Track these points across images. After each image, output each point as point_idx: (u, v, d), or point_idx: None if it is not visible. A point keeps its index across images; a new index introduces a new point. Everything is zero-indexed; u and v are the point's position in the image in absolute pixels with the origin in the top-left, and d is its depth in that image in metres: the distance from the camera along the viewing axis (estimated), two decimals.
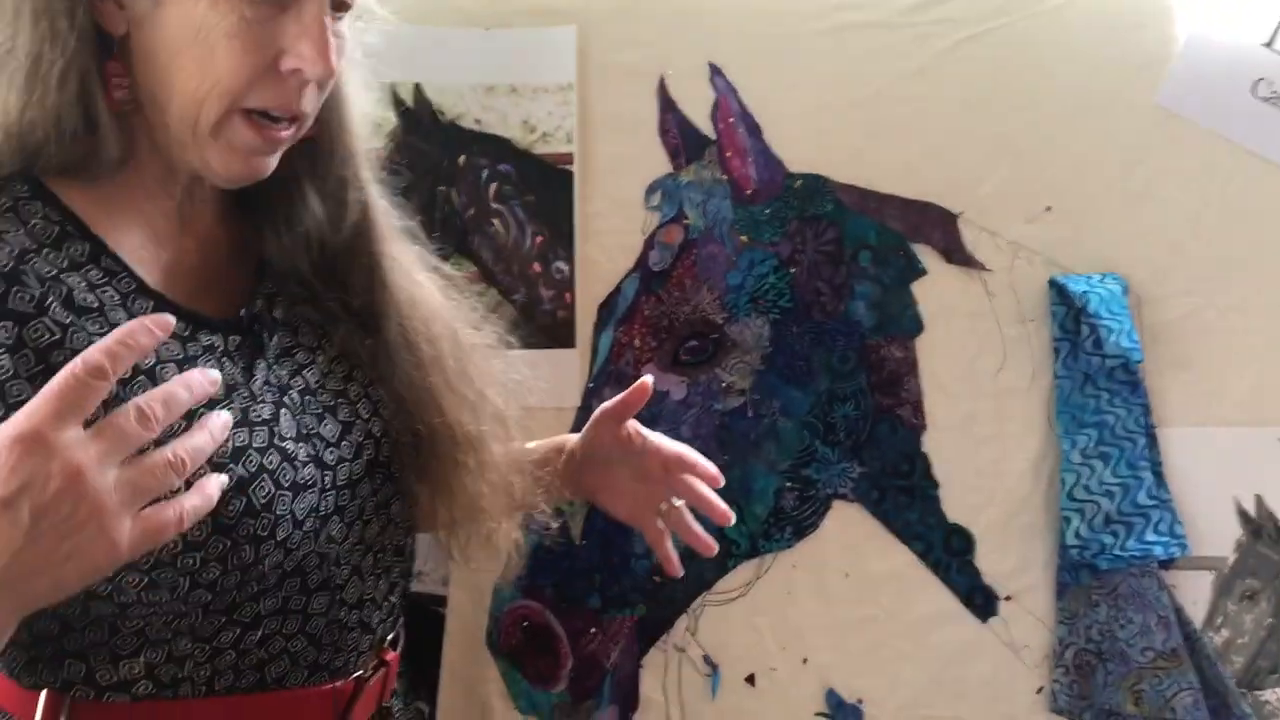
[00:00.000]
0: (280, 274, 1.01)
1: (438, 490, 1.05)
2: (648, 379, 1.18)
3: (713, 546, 1.20)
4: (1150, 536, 1.42)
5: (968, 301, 1.45)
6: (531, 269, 1.45)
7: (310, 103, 0.92)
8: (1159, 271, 1.44)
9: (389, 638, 1.05)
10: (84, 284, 0.86)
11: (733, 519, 1.19)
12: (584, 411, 1.46)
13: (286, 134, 0.92)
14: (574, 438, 1.23)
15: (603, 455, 1.20)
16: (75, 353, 0.80)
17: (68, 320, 0.84)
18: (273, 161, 0.93)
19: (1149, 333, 1.43)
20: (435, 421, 1.03)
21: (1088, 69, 1.43)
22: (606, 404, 1.19)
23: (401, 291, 1.04)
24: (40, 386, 0.74)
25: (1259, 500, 1.45)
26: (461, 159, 1.44)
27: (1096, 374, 1.43)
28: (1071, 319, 1.43)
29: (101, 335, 0.82)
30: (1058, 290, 1.44)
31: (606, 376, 1.46)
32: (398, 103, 1.42)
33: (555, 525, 1.23)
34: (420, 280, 1.08)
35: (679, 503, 1.19)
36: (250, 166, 0.92)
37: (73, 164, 0.87)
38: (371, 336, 1.02)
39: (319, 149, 0.99)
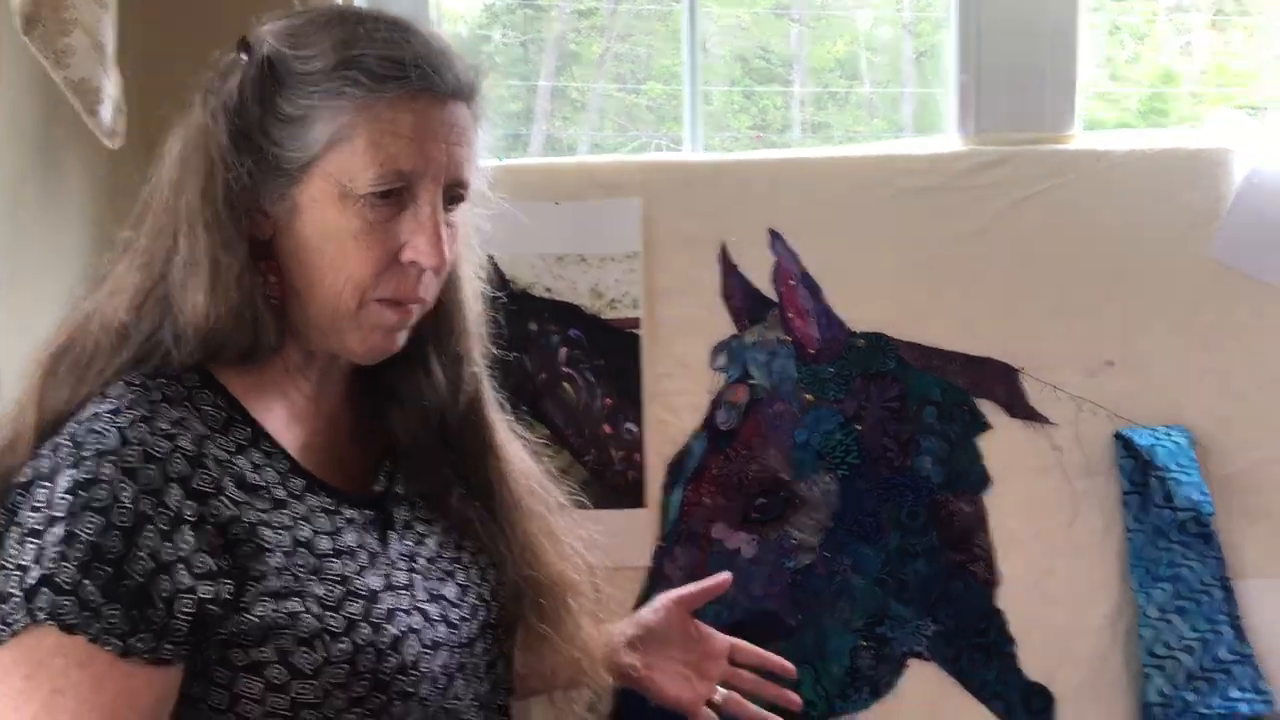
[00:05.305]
0: (401, 449, 1.07)
1: (550, 631, 1.10)
2: (727, 575, 1.28)
3: None
4: (1234, 693, 1.40)
5: (1034, 456, 1.47)
6: (602, 431, 1.49)
7: (429, 289, 1.00)
8: (1224, 423, 1.46)
9: None
10: (250, 465, 0.95)
11: (800, 704, 1.26)
12: (654, 572, 1.47)
13: (414, 311, 1.00)
14: (614, 625, 1.28)
15: (659, 636, 1.27)
16: (252, 527, 0.91)
17: (241, 498, 0.92)
18: (404, 337, 1.01)
19: (1218, 484, 1.44)
20: (545, 569, 1.09)
21: (1142, 225, 1.48)
22: (680, 591, 1.28)
23: (508, 458, 1.11)
24: (221, 560, 0.88)
25: None
26: (533, 326, 1.49)
27: (1168, 527, 1.43)
28: (1139, 472, 1.44)
29: (267, 512, 0.93)
30: (1124, 443, 1.45)
31: (678, 535, 1.48)
32: None
33: None
34: (515, 444, 1.14)
35: (725, 692, 1.26)
36: (387, 342, 1.00)
37: (240, 353, 0.96)
38: (482, 499, 1.09)
39: (441, 326, 1.06)
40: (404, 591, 0.99)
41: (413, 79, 0.94)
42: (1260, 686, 1.41)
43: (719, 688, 1.27)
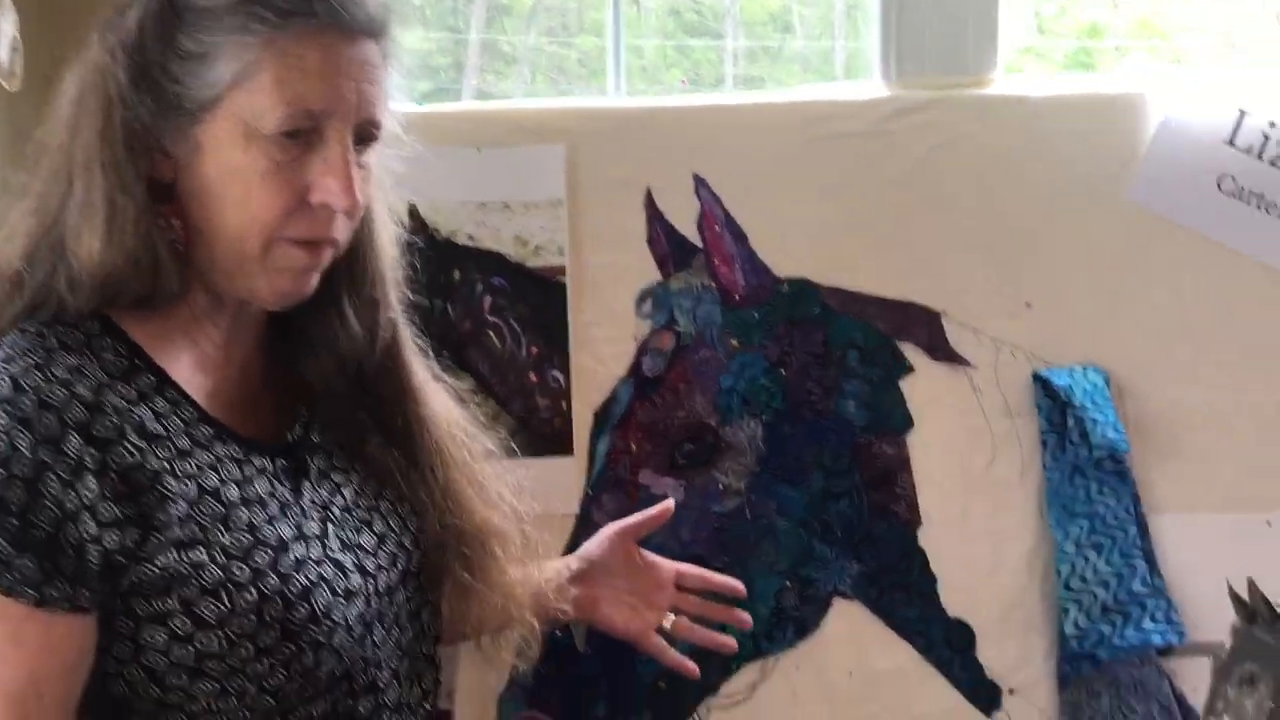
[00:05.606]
0: (317, 396, 1.06)
1: (475, 580, 1.10)
2: (670, 502, 1.29)
3: (732, 643, 1.29)
4: (1147, 624, 1.44)
5: (955, 397, 1.49)
6: (528, 379, 1.48)
7: (342, 230, 0.98)
8: (1140, 363, 1.49)
9: None
10: (152, 414, 0.93)
11: (750, 623, 1.28)
12: (582, 519, 1.47)
13: (325, 253, 0.98)
14: (559, 560, 1.29)
15: (604, 568, 1.28)
16: (155, 474, 0.90)
17: (143, 446, 0.91)
18: (315, 280, 0.99)
19: (1134, 423, 1.47)
20: (468, 517, 1.09)
21: (1060, 170, 1.49)
22: (624, 522, 1.29)
23: (428, 404, 1.10)
24: (125, 509, 0.87)
25: (1251, 584, 1.48)
26: (456, 274, 1.48)
27: (1085, 465, 1.46)
28: (1057, 412, 1.47)
29: (170, 461, 0.91)
30: (1042, 384, 1.47)
31: (605, 482, 1.48)
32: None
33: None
34: (437, 390, 1.13)
35: (674, 618, 1.28)
36: (296, 285, 0.98)
37: (140, 299, 0.94)
38: (402, 446, 1.08)
39: (354, 270, 1.04)
40: (315, 541, 0.98)
41: (320, 14, 0.92)
42: (1172, 618, 1.45)
43: (668, 614, 1.28)
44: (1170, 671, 1.45)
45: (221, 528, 0.92)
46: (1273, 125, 1.49)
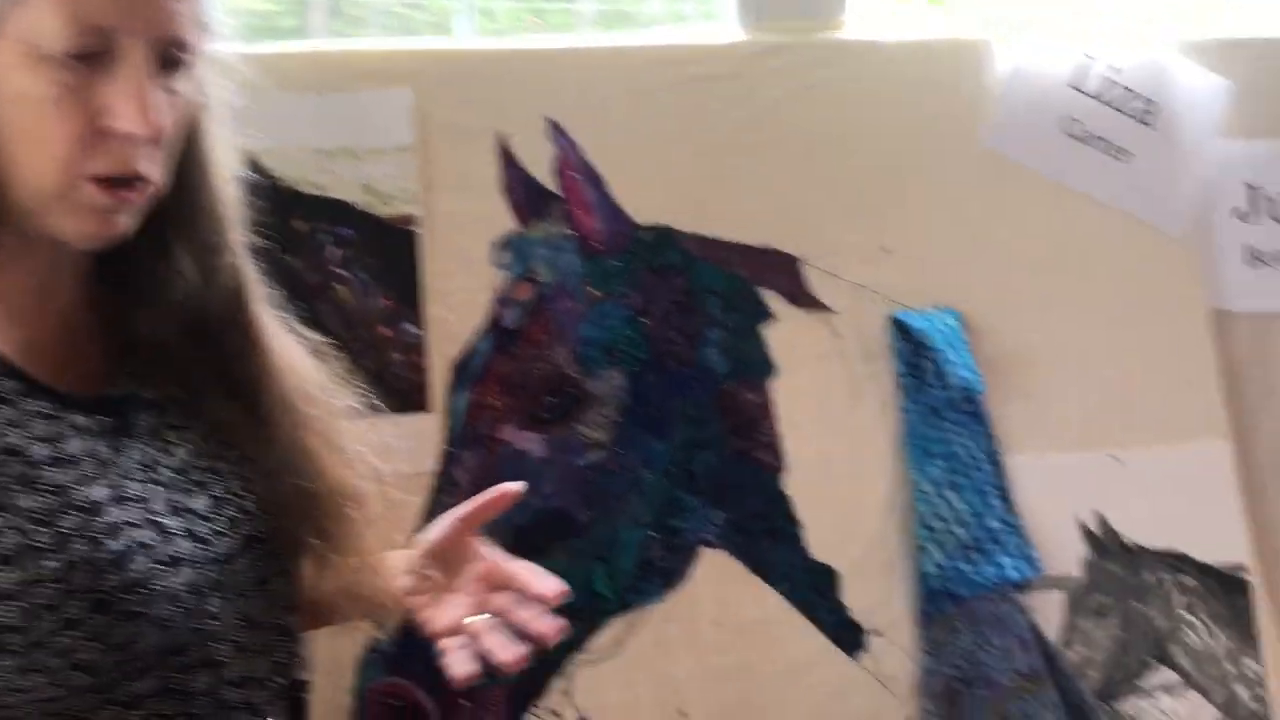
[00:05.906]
0: (148, 348, 0.97)
1: (329, 547, 1.02)
2: (512, 486, 1.09)
3: (513, 665, 1.02)
4: (1004, 561, 1.47)
5: (816, 343, 1.49)
6: (380, 333, 1.42)
7: (149, 164, 0.89)
8: (993, 306, 1.52)
9: None
10: None
11: (551, 639, 1.03)
12: (443, 477, 1.43)
13: (135, 194, 0.89)
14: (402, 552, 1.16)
15: (443, 558, 1.10)
16: None
17: None
18: (128, 220, 0.90)
19: (988, 364, 1.50)
20: (321, 479, 1.01)
21: (915, 116, 1.51)
22: (462, 508, 1.11)
23: (277, 355, 1.02)
24: None
25: (1100, 518, 1.52)
26: (301, 225, 1.41)
27: (941, 406, 1.48)
28: (914, 354, 1.48)
29: None
30: (899, 327, 1.49)
31: (465, 439, 1.44)
32: None
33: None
34: (289, 343, 1.05)
35: (480, 618, 1.06)
36: (105, 226, 0.89)
37: None
38: (247, 402, 1.00)
39: (187, 211, 0.95)
40: (136, 504, 0.90)
41: None
42: (1028, 553, 1.48)
43: (481, 616, 1.05)
44: (1026, 605, 1.48)
45: (23, 490, 0.84)
46: (1117, 70, 1.52)
